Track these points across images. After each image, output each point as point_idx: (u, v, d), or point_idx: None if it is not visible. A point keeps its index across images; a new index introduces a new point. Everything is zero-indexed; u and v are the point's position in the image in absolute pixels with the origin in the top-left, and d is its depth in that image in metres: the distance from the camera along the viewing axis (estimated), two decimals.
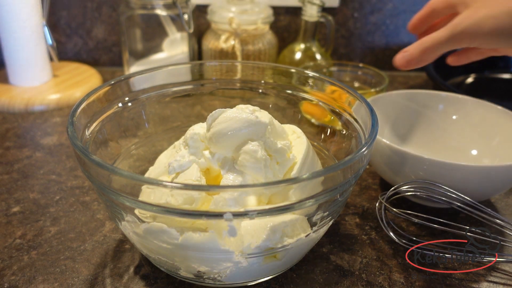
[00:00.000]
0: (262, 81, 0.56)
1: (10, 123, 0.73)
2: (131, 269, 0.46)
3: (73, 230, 0.51)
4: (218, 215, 0.35)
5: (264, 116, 0.44)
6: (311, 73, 0.53)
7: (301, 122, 0.55)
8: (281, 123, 0.48)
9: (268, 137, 0.43)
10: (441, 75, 0.79)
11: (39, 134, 0.71)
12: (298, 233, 0.41)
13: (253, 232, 0.39)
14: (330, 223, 0.44)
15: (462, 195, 0.48)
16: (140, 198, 0.38)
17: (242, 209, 0.37)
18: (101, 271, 0.46)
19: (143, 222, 0.40)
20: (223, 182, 0.42)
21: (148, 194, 0.39)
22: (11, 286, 0.44)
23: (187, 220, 0.39)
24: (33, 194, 0.57)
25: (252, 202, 0.39)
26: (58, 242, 0.49)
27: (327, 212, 0.42)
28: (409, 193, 0.51)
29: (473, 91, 0.68)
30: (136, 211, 0.41)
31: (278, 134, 0.46)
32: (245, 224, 0.39)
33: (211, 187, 0.42)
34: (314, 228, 0.42)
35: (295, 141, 0.47)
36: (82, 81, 0.85)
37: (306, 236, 0.41)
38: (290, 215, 0.41)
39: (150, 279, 0.45)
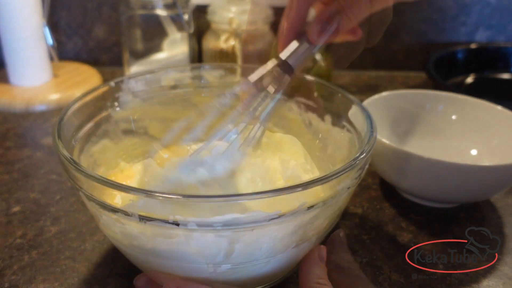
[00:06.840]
0: None
1: (11, 123, 0.73)
2: (131, 269, 0.46)
3: (74, 230, 0.51)
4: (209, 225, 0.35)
5: None
6: (309, 77, 0.53)
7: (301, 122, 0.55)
8: (281, 124, 0.47)
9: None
10: (441, 75, 0.79)
11: (39, 134, 0.71)
12: None
13: None
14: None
15: None
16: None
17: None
18: (101, 270, 0.46)
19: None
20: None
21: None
22: (12, 285, 0.44)
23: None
24: (33, 194, 0.57)
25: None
26: (58, 242, 0.49)
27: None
28: None
29: (473, 91, 0.68)
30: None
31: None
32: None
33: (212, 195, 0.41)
34: None
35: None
36: (83, 81, 0.85)
37: None
38: None
39: None
